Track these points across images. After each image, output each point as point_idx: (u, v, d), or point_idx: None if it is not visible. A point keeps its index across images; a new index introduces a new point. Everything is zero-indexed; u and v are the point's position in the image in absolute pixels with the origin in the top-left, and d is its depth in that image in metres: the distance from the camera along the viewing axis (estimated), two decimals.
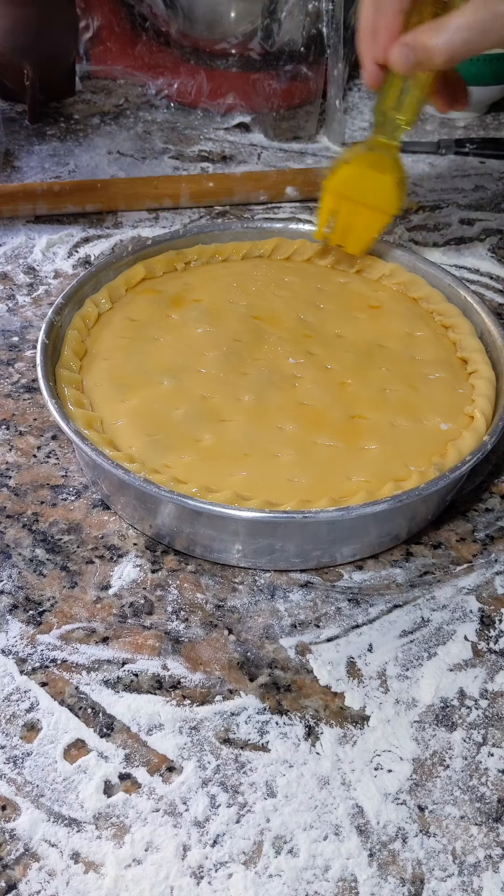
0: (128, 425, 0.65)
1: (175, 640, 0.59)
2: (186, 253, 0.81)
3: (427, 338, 0.75)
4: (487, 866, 0.49)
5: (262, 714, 0.55)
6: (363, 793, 0.52)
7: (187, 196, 0.99)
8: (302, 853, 0.49)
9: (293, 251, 0.83)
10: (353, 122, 1.18)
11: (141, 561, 0.63)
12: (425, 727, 0.55)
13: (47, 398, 0.64)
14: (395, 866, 0.49)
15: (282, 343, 0.73)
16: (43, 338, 0.69)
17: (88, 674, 0.57)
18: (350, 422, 0.67)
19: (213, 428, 0.66)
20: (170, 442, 0.64)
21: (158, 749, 0.53)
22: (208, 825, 0.50)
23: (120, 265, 0.78)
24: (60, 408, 0.64)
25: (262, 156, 1.10)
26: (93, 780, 0.51)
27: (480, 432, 0.66)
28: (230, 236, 0.84)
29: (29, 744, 0.53)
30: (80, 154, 1.08)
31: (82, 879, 0.48)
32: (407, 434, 0.66)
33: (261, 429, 0.66)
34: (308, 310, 0.77)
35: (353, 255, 0.82)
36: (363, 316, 0.77)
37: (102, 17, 1.18)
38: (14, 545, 0.64)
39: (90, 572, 0.63)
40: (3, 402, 0.75)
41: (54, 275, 0.89)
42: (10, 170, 1.04)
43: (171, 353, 0.71)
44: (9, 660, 0.57)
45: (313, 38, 1.09)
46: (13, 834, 0.49)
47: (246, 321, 0.75)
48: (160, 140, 1.12)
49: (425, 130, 1.17)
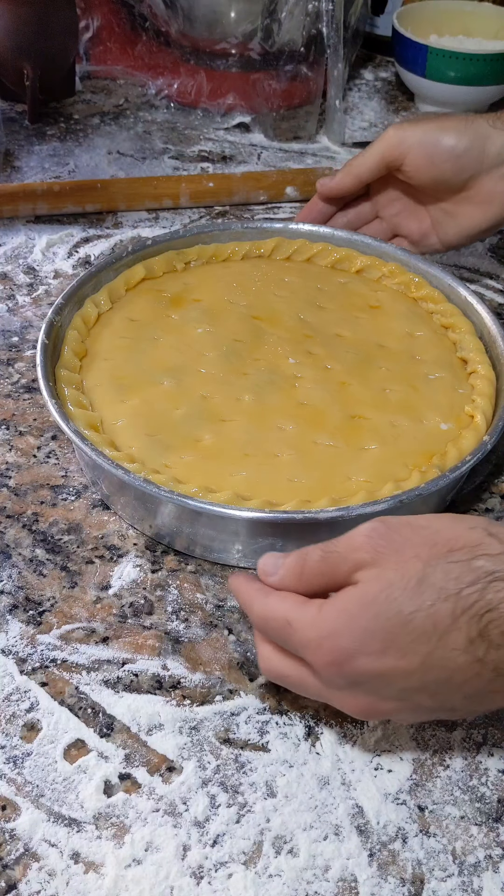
0: (128, 425, 0.65)
1: (175, 640, 0.59)
2: (186, 253, 0.81)
3: (427, 338, 0.75)
4: (487, 866, 0.49)
5: (262, 714, 0.55)
6: (363, 793, 0.52)
7: (187, 196, 0.99)
8: (302, 853, 0.49)
9: (293, 251, 0.83)
10: (353, 122, 1.18)
11: (141, 561, 0.63)
12: (425, 727, 0.55)
13: (47, 398, 0.64)
14: (395, 866, 0.49)
15: (282, 343, 0.73)
16: (43, 338, 0.69)
17: (88, 674, 0.57)
18: (350, 422, 0.67)
19: (213, 428, 0.66)
20: (170, 442, 0.64)
21: (158, 749, 0.53)
22: (208, 825, 0.50)
23: (120, 265, 0.78)
24: (60, 408, 0.64)
25: (262, 156, 1.10)
26: (93, 780, 0.51)
27: (480, 432, 0.66)
28: (230, 236, 0.84)
29: (29, 744, 0.53)
30: (80, 154, 1.08)
31: (82, 879, 0.48)
32: (407, 434, 0.66)
33: (261, 429, 0.66)
34: (308, 310, 0.77)
35: (352, 255, 0.82)
36: (363, 316, 0.77)
37: (102, 17, 1.18)
38: (14, 545, 0.64)
39: (90, 572, 0.63)
40: (3, 402, 0.75)
41: (54, 275, 0.89)
42: (10, 170, 1.04)
43: (171, 354, 0.71)
44: (9, 660, 0.57)
45: (313, 38, 1.09)
46: (13, 834, 0.49)
47: (246, 321, 0.75)
48: (160, 140, 1.12)
49: None
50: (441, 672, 0.45)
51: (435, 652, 0.45)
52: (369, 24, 1.30)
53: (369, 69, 1.31)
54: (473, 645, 0.44)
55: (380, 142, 0.77)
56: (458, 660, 0.45)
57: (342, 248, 0.82)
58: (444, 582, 0.45)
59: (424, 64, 1.15)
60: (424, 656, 0.45)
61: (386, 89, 1.27)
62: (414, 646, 0.45)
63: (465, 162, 0.75)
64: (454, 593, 0.45)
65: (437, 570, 0.45)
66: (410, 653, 0.45)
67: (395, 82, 1.27)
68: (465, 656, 0.45)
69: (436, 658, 0.45)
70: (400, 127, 0.76)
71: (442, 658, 0.45)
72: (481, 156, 0.74)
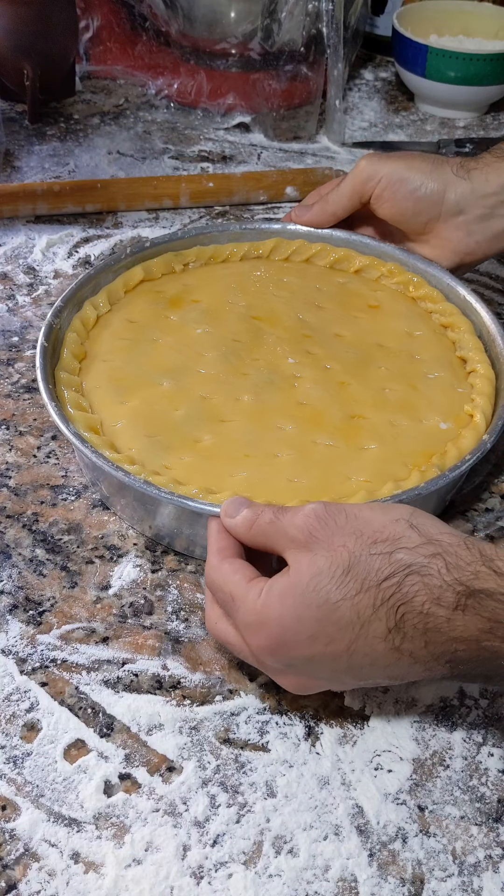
0: (128, 427, 0.65)
1: (175, 640, 0.59)
2: (185, 254, 0.81)
3: (426, 337, 0.75)
4: (487, 866, 0.49)
5: (262, 714, 0.55)
6: (363, 793, 0.52)
7: (187, 196, 0.99)
8: (302, 853, 0.49)
9: (291, 251, 0.83)
10: (353, 122, 1.18)
11: (141, 561, 0.63)
12: (425, 727, 0.55)
13: (47, 401, 0.64)
14: (395, 866, 0.49)
15: (281, 343, 0.73)
16: (42, 340, 0.69)
17: (88, 674, 0.57)
18: (350, 421, 0.67)
19: (213, 428, 0.66)
20: (170, 443, 0.64)
21: (158, 749, 0.53)
22: (208, 825, 0.50)
23: (118, 267, 0.78)
24: (60, 411, 0.64)
25: (262, 156, 1.10)
26: (93, 780, 0.52)
27: (480, 431, 0.66)
28: (228, 237, 0.84)
29: (29, 744, 0.53)
30: (80, 154, 1.08)
31: (82, 879, 0.48)
32: (406, 433, 0.66)
33: (261, 429, 0.66)
34: (307, 310, 0.77)
35: (351, 255, 0.82)
36: (362, 316, 0.77)
37: (102, 17, 1.18)
38: (14, 545, 0.64)
39: (90, 572, 0.63)
40: (3, 402, 0.75)
41: (54, 275, 0.89)
42: (10, 170, 1.04)
43: (170, 355, 0.71)
44: (9, 660, 0.57)
45: (313, 38, 1.09)
46: (13, 834, 0.49)
47: (245, 321, 0.75)
48: (160, 140, 1.12)
49: (425, 130, 1.17)
50: (365, 658, 0.49)
51: (358, 640, 0.48)
52: (369, 24, 1.30)
53: (369, 69, 1.31)
54: (391, 634, 0.48)
55: (352, 175, 0.78)
56: (378, 647, 0.48)
57: (340, 249, 0.82)
58: (367, 573, 0.48)
59: (424, 64, 1.15)
60: (349, 643, 0.48)
61: (386, 89, 1.27)
62: (340, 633, 0.48)
63: (424, 206, 0.76)
64: (375, 585, 0.48)
65: (360, 561, 0.48)
66: (337, 640, 0.48)
67: (395, 82, 1.27)
68: (384, 644, 0.48)
69: (359, 645, 0.48)
70: (371, 159, 0.77)
71: (365, 645, 0.48)
72: (440, 202, 0.76)
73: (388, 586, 0.47)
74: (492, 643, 0.46)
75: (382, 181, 0.76)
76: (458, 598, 0.46)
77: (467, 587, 0.47)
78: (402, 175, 0.76)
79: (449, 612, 0.46)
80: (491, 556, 0.48)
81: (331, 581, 0.48)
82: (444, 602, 0.47)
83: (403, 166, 0.76)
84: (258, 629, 0.49)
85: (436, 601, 0.47)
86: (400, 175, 0.76)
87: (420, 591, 0.47)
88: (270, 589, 0.49)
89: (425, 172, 0.75)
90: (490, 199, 0.75)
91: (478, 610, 0.46)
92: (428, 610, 0.47)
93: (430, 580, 0.47)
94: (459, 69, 1.14)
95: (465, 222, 0.76)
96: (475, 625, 0.46)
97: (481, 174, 0.75)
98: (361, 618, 0.47)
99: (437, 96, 1.18)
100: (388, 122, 1.19)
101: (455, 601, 0.46)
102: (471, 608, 0.46)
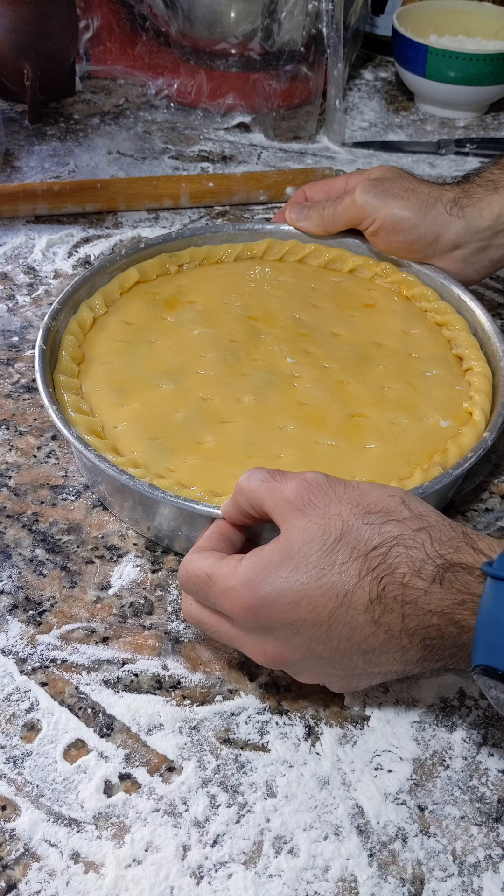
0: (129, 430, 0.65)
1: (175, 640, 0.59)
2: (179, 255, 0.81)
3: (422, 335, 0.75)
4: (487, 866, 0.49)
5: (262, 714, 0.55)
6: (363, 793, 0.52)
7: (187, 196, 0.99)
8: (302, 853, 0.49)
9: (285, 252, 0.83)
10: (353, 122, 1.18)
11: (141, 561, 0.63)
12: (425, 727, 0.55)
13: (48, 405, 0.64)
14: (395, 866, 0.49)
15: (279, 343, 0.73)
16: (40, 343, 0.69)
17: (88, 674, 0.57)
18: (350, 421, 0.67)
19: (214, 430, 0.66)
20: (172, 445, 0.64)
21: (158, 749, 0.53)
22: (208, 825, 0.50)
23: (113, 269, 0.78)
24: (62, 414, 0.64)
25: (262, 156, 1.10)
26: (93, 780, 0.52)
27: (480, 429, 0.66)
28: (222, 238, 0.84)
29: (29, 744, 0.53)
30: (80, 154, 1.08)
31: (82, 879, 0.48)
32: (407, 432, 0.66)
33: (262, 430, 0.66)
34: (303, 309, 0.77)
35: (344, 255, 0.82)
36: (358, 314, 0.77)
37: (102, 17, 1.18)
38: (14, 545, 0.64)
39: (90, 572, 0.63)
40: (3, 402, 0.75)
41: (54, 275, 0.89)
42: (10, 170, 1.04)
43: (168, 356, 0.71)
44: (9, 660, 0.57)
45: (313, 38, 1.09)
46: (13, 834, 0.49)
47: (242, 321, 0.75)
48: (160, 140, 1.12)
49: (425, 130, 1.17)
50: (344, 628, 0.49)
51: (340, 608, 0.48)
52: (369, 24, 1.30)
53: (369, 69, 1.31)
54: (372, 605, 0.48)
55: (348, 207, 0.79)
56: (358, 619, 0.48)
57: (334, 249, 0.82)
58: (357, 542, 0.49)
59: (424, 64, 1.15)
60: (331, 611, 0.49)
61: (386, 89, 1.27)
62: (323, 600, 0.48)
63: (419, 246, 0.78)
64: (363, 554, 0.49)
65: (352, 529, 0.49)
66: (320, 606, 0.49)
67: (395, 82, 1.27)
68: (364, 616, 0.48)
69: (340, 614, 0.49)
70: (368, 195, 0.77)
71: (345, 615, 0.49)
72: (436, 242, 0.77)
73: (374, 556, 0.48)
74: (463, 616, 0.47)
75: (377, 222, 0.77)
76: (437, 571, 0.48)
77: (447, 560, 0.48)
78: (398, 218, 0.76)
79: (427, 584, 0.47)
80: (472, 537, 0.49)
81: (321, 549, 0.49)
82: (424, 574, 0.47)
83: (399, 206, 0.76)
84: (239, 590, 0.50)
85: (416, 573, 0.48)
86: (395, 219, 0.77)
87: (403, 562, 0.48)
88: (253, 555, 0.50)
89: (420, 214, 0.76)
90: (485, 233, 0.76)
91: (453, 583, 0.47)
92: (408, 581, 0.48)
93: (413, 552, 0.48)
94: (459, 69, 1.14)
95: (462, 256, 0.77)
96: (451, 598, 0.47)
97: (475, 210, 0.76)
98: (346, 586, 0.48)
99: (437, 96, 1.18)
100: (388, 122, 1.19)
101: (434, 573, 0.47)
102: (447, 581, 0.47)
